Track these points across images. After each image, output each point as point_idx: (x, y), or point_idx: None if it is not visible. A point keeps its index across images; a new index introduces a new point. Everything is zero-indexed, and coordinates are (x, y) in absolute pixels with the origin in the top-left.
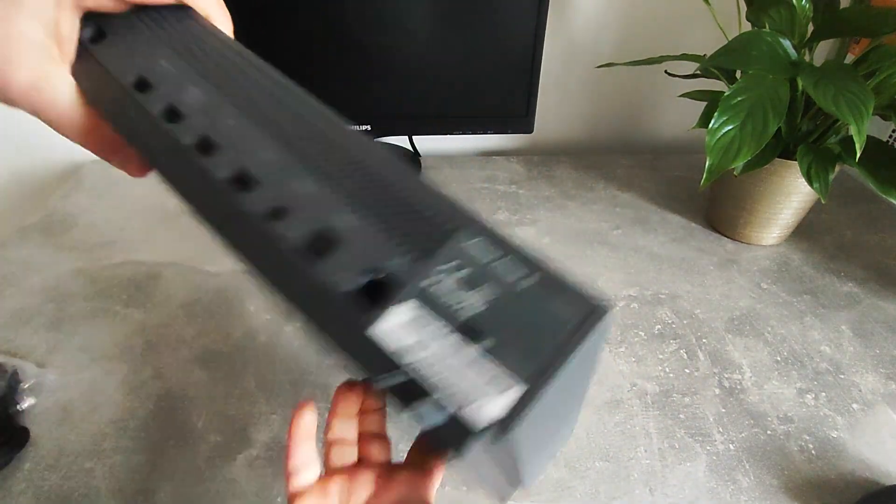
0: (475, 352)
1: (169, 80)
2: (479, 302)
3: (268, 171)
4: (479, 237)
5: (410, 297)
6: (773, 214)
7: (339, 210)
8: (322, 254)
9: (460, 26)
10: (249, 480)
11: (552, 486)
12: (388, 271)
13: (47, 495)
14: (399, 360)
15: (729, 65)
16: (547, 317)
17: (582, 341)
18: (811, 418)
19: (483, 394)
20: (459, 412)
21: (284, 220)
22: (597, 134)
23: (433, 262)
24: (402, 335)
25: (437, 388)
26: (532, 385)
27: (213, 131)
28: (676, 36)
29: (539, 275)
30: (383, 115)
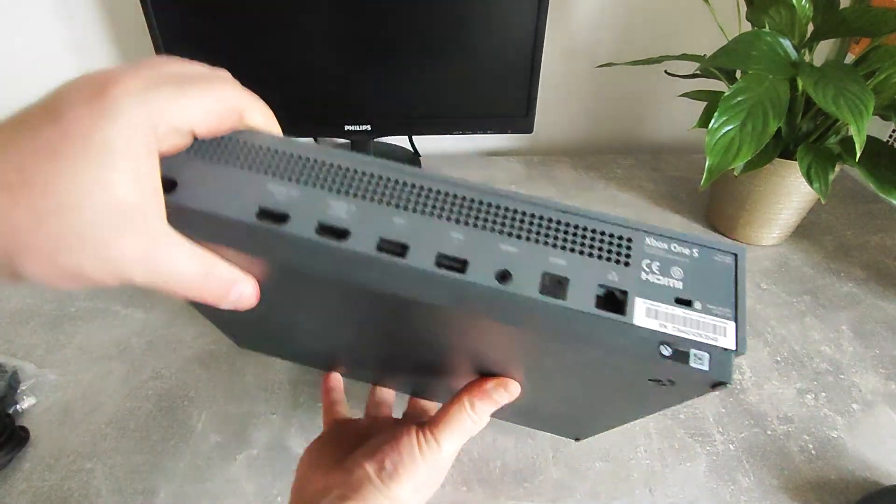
0: (696, 314)
1: (297, 202)
2: (678, 282)
3: (464, 248)
4: (648, 237)
5: (635, 292)
6: (773, 214)
7: (547, 256)
8: (557, 294)
9: (460, 26)
10: (249, 480)
11: (552, 486)
12: (611, 284)
13: (47, 495)
14: (663, 336)
15: (729, 65)
16: (716, 275)
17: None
18: (811, 418)
19: (717, 336)
20: (715, 353)
21: (512, 279)
22: (597, 134)
23: (634, 265)
24: (650, 320)
25: (691, 343)
26: (737, 322)
27: (391, 233)
28: (676, 36)
29: (697, 249)
30: (383, 115)
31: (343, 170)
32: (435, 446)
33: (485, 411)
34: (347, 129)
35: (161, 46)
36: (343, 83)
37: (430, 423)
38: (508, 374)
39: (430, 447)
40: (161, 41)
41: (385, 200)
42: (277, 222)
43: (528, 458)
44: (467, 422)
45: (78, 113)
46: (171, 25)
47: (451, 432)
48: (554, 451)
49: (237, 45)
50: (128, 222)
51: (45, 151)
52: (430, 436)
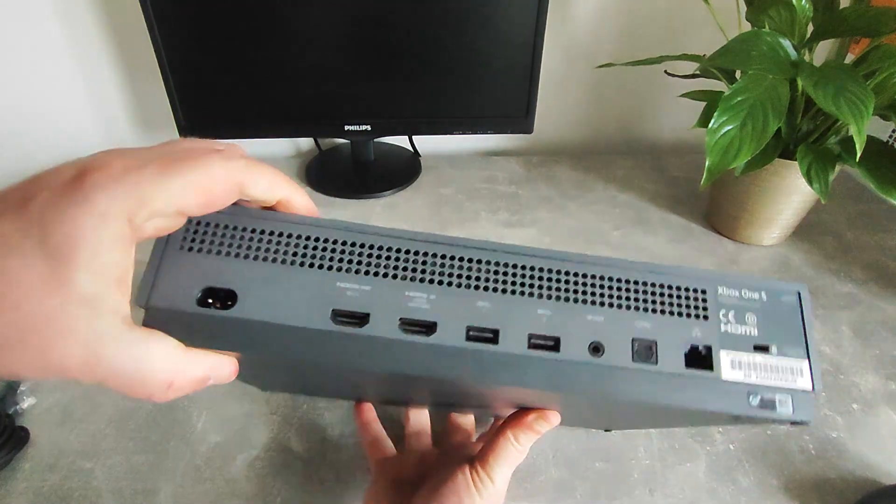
0: (774, 359)
1: (374, 298)
2: (752, 328)
3: (553, 324)
4: (719, 286)
5: (719, 346)
6: (773, 214)
7: (633, 319)
8: (649, 359)
9: (460, 26)
10: (249, 480)
11: (552, 486)
12: (696, 340)
13: (47, 495)
14: (748, 387)
15: (729, 65)
16: (784, 318)
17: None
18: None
19: (795, 377)
20: (797, 396)
21: (605, 350)
22: (597, 134)
23: (712, 317)
24: (735, 371)
25: (775, 390)
26: (810, 359)
27: (478, 319)
28: (676, 36)
29: (764, 292)
30: (383, 115)
31: (411, 254)
32: (489, 482)
33: (528, 441)
34: (347, 129)
35: (161, 47)
36: (343, 83)
37: (479, 459)
38: (550, 408)
39: (484, 484)
40: (161, 41)
41: (464, 283)
42: (357, 324)
43: (529, 458)
44: (513, 454)
45: (45, 200)
46: (172, 25)
47: (500, 466)
48: (554, 451)
49: (237, 45)
50: (75, 322)
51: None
52: (482, 472)
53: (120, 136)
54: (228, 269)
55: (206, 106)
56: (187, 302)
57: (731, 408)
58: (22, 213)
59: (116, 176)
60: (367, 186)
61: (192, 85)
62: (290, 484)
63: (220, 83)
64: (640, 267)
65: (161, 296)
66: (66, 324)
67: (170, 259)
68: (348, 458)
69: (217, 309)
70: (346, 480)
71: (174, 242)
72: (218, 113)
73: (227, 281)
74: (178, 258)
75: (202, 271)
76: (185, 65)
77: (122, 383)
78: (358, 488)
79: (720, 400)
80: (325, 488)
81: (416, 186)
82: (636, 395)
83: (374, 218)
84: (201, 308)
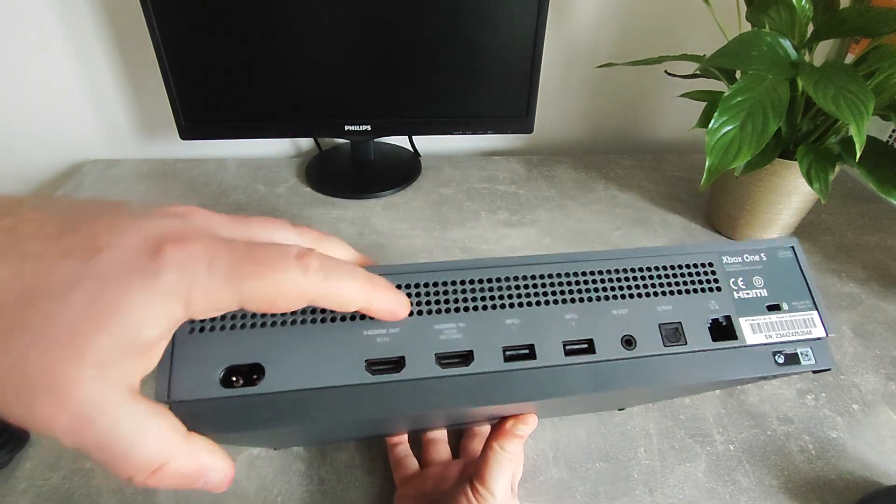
0: (787, 315)
1: (404, 339)
2: (762, 290)
3: (583, 327)
4: (723, 256)
5: (737, 314)
6: (773, 214)
7: (655, 305)
8: (678, 340)
9: (460, 26)
10: (249, 480)
11: (552, 487)
12: (715, 313)
13: (48, 495)
14: (772, 346)
15: (729, 65)
16: (786, 274)
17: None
18: (811, 418)
19: (809, 328)
20: (815, 345)
21: (636, 342)
22: (597, 134)
23: (724, 287)
24: (757, 335)
25: (794, 344)
26: (818, 308)
27: (511, 338)
28: (676, 36)
29: (763, 253)
30: (383, 115)
31: (431, 286)
32: (489, 496)
33: (514, 447)
34: (347, 129)
35: (161, 47)
36: (343, 83)
37: (475, 477)
38: (525, 412)
39: (485, 499)
40: (161, 42)
41: (489, 304)
42: (394, 370)
43: (529, 458)
44: (504, 462)
45: (114, 262)
46: (172, 26)
47: (495, 477)
48: (554, 451)
49: (237, 45)
50: (77, 382)
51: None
52: (481, 488)
53: (120, 136)
54: (247, 343)
55: (206, 106)
56: (211, 387)
57: (761, 370)
58: (87, 263)
59: (192, 259)
60: (367, 186)
61: (192, 84)
62: (290, 484)
63: (220, 83)
64: (647, 253)
65: (181, 388)
66: (67, 381)
67: (182, 346)
68: (348, 458)
69: (244, 387)
70: (346, 480)
71: (183, 328)
72: (218, 113)
73: (248, 355)
74: (191, 343)
75: (220, 351)
76: (186, 65)
77: (105, 456)
78: (358, 488)
79: (750, 365)
80: (325, 488)
81: (416, 186)
82: (675, 379)
83: (374, 218)
84: (227, 389)
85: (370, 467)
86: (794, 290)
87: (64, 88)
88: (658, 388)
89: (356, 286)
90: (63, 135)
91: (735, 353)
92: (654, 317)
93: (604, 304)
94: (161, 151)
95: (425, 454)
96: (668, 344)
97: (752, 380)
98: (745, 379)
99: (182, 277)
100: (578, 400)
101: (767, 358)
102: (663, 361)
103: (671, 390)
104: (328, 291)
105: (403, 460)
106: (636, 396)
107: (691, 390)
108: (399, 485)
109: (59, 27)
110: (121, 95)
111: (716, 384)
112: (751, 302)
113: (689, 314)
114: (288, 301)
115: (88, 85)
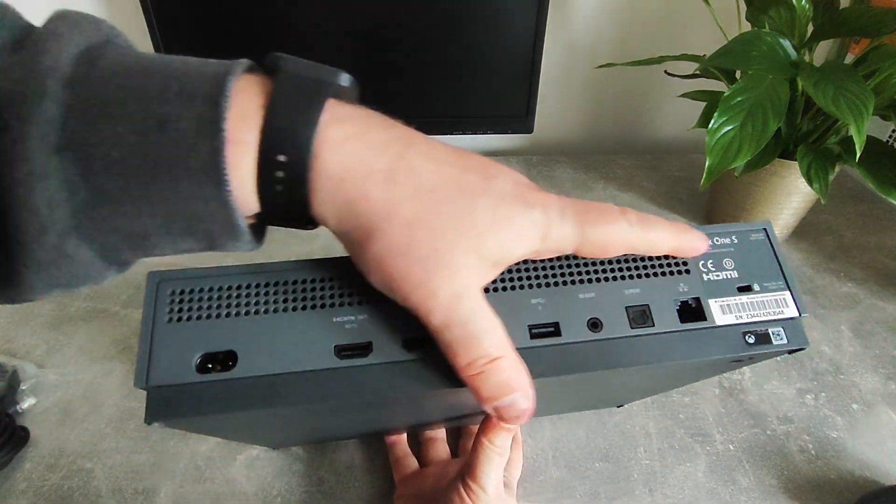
0: (758, 296)
1: (371, 324)
2: (731, 272)
3: (549, 311)
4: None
5: (706, 295)
6: (773, 214)
7: (622, 288)
8: (646, 323)
9: (460, 26)
10: (249, 480)
11: (552, 486)
12: (684, 295)
13: (47, 495)
14: (742, 327)
15: (729, 65)
16: (758, 255)
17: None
18: (811, 418)
19: (781, 308)
20: (787, 325)
21: (603, 325)
22: (597, 134)
23: (693, 269)
24: (727, 316)
25: (766, 324)
26: (790, 289)
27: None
28: (676, 36)
29: (734, 236)
30: (383, 114)
31: None
32: (481, 493)
33: (502, 440)
34: None
35: (161, 47)
36: None
37: (467, 474)
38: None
39: (477, 495)
40: (161, 39)
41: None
42: (362, 355)
43: (528, 457)
44: (494, 456)
45: (503, 188)
46: (171, 23)
47: (486, 473)
48: (554, 451)
49: (236, 44)
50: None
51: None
52: (472, 484)
53: None
54: (222, 331)
55: None
56: (187, 373)
57: (731, 350)
58: (487, 182)
59: (551, 205)
60: None
61: None
62: (290, 484)
63: None
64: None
65: (160, 374)
66: (463, 263)
67: (160, 335)
68: (348, 458)
69: (220, 372)
70: (345, 480)
71: (161, 318)
72: None
73: (223, 343)
74: (169, 332)
75: (196, 339)
76: None
77: (463, 333)
78: (358, 488)
79: (719, 345)
80: (325, 488)
81: None
82: (642, 361)
83: None
84: (203, 375)
85: (370, 467)
86: (767, 271)
87: None
88: (639, 375)
89: (666, 233)
90: None
91: (704, 334)
92: (622, 299)
93: (571, 289)
94: None
95: (424, 453)
96: (636, 326)
97: (726, 362)
98: (717, 360)
99: (545, 215)
100: (572, 393)
101: (737, 338)
102: (630, 343)
103: (658, 379)
104: (645, 236)
105: (403, 459)
106: (626, 387)
107: (677, 378)
108: (398, 484)
109: None
110: None
111: (690, 370)
112: (721, 283)
113: (657, 297)
114: (617, 245)
115: None
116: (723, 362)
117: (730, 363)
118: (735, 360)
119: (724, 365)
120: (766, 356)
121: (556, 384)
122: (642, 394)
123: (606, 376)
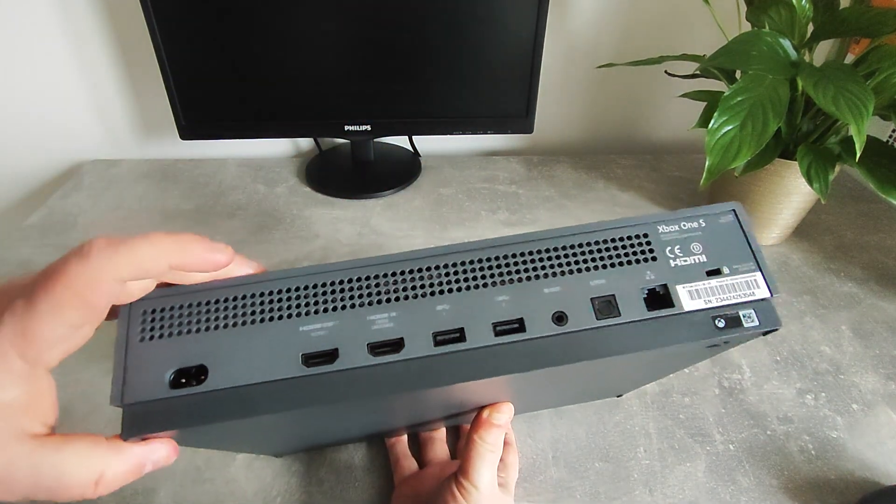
0: (728, 279)
1: (338, 331)
2: (700, 256)
3: (514, 307)
4: (659, 226)
5: (674, 282)
6: (773, 214)
7: (587, 280)
8: (611, 313)
9: (460, 26)
10: (249, 480)
11: (552, 486)
12: (651, 283)
13: None
14: (712, 311)
15: (729, 65)
16: (727, 238)
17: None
18: (811, 418)
19: (752, 290)
20: (758, 306)
21: (568, 318)
22: (597, 134)
23: (660, 256)
24: (696, 301)
25: (736, 307)
26: (761, 269)
27: (442, 324)
28: (676, 36)
29: (701, 219)
30: (383, 115)
31: (363, 280)
32: (473, 490)
33: (493, 437)
34: (347, 129)
35: (161, 47)
36: (343, 83)
37: (459, 472)
38: (499, 400)
39: (470, 493)
40: (161, 42)
41: (420, 293)
42: (328, 361)
43: (528, 458)
44: (486, 453)
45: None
46: (172, 26)
47: (478, 470)
48: (554, 451)
49: (237, 45)
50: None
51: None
52: (465, 482)
53: (119, 136)
54: (193, 346)
55: (205, 106)
56: (160, 389)
57: (701, 335)
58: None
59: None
60: (367, 186)
61: (192, 85)
62: (289, 484)
63: (220, 83)
64: (580, 230)
65: (133, 391)
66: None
67: (134, 353)
68: (347, 459)
69: (192, 386)
70: (345, 481)
71: (134, 336)
72: (218, 113)
73: (194, 358)
74: (142, 350)
75: (168, 355)
76: (186, 65)
77: (47, 495)
78: (358, 489)
79: (689, 332)
80: (325, 489)
81: (416, 186)
82: (609, 351)
83: (374, 218)
84: (176, 390)
85: (369, 467)
86: (736, 253)
87: (64, 89)
88: (620, 364)
89: (154, 248)
90: (63, 135)
91: (672, 321)
92: (587, 291)
93: (535, 284)
94: (161, 152)
95: (423, 454)
96: (601, 317)
97: (702, 347)
98: (690, 347)
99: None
100: (564, 385)
101: (706, 323)
102: (596, 335)
103: (642, 366)
104: (123, 262)
105: (402, 460)
106: (616, 377)
107: (663, 364)
108: (398, 484)
109: (60, 28)
110: (121, 95)
111: (665, 358)
112: (689, 269)
113: (623, 286)
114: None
115: (88, 85)
116: (698, 349)
117: (707, 348)
118: (711, 346)
119: (701, 350)
120: (741, 339)
121: (543, 377)
122: (635, 383)
123: (588, 367)
